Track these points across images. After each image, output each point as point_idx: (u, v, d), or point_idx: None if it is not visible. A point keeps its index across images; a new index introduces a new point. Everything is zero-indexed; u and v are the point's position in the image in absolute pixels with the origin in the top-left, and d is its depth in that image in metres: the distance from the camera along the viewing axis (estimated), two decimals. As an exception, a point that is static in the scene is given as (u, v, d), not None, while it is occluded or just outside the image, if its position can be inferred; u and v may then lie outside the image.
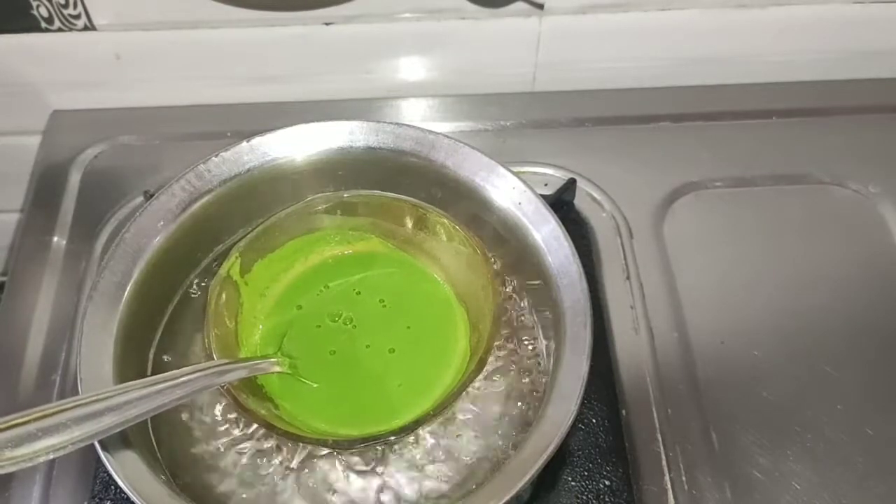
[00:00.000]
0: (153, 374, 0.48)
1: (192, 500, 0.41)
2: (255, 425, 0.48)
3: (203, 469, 0.47)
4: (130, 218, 0.48)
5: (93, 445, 0.38)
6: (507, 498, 0.39)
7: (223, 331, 0.48)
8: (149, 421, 0.45)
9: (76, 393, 0.42)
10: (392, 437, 0.47)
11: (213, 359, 0.45)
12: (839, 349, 0.57)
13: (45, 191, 0.66)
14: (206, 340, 0.46)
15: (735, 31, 0.68)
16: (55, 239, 0.62)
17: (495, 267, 0.51)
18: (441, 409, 0.45)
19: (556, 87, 0.71)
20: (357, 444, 0.47)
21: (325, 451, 0.47)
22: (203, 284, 0.51)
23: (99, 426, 0.37)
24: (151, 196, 0.49)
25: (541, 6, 0.64)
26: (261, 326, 0.51)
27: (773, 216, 0.63)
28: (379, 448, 0.47)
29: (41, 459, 0.35)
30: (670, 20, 0.66)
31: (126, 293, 0.46)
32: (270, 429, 0.45)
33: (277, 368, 0.47)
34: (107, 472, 0.40)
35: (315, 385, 0.48)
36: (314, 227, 0.52)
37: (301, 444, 0.47)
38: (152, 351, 0.49)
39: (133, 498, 0.39)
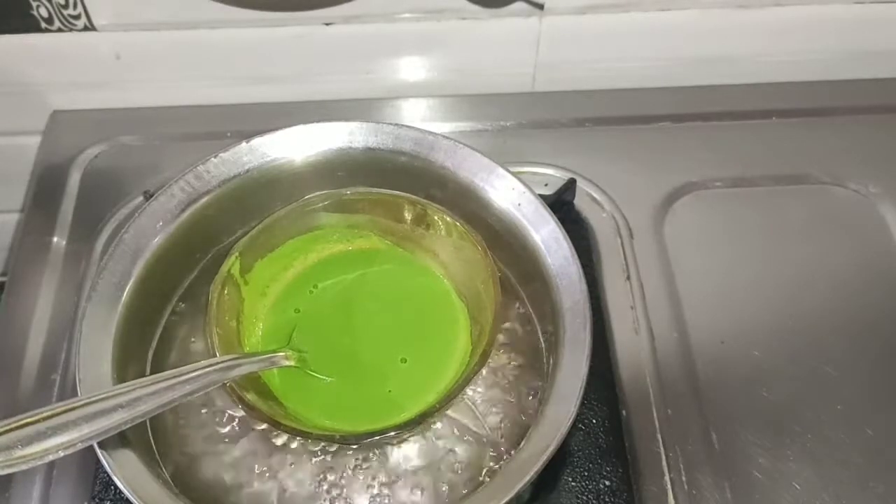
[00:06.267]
0: (152, 374, 0.48)
1: (192, 501, 0.41)
2: (254, 424, 0.48)
3: (202, 469, 0.47)
4: (130, 218, 0.48)
5: (92, 446, 0.38)
6: (507, 498, 0.40)
7: (225, 330, 0.48)
8: (147, 421, 0.45)
9: (76, 393, 0.42)
10: (397, 433, 0.47)
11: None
12: (839, 349, 0.57)
13: (45, 191, 0.66)
14: (209, 340, 0.46)
15: (735, 31, 0.67)
16: (55, 239, 0.62)
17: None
18: (445, 403, 0.45)
19: (556, 87, 0.71)
20: (363, 440, 0.47)
21: (326, 449, 0.47)
22: (183, 307, 0.52)
23: (109, 423, 0.37)
24: (151, 196, 0.49)
25: (541, 6, 0.64)
26: (261, 325, 0.51)
27: (773, 216, 0.63)
28: (381, 444, 0.48)
29: (51, 457, 0.35)
30: (670, 20, 0.66)
31: (125, 294, 0.46)
32: (276, 426, 0.45)
33: (287, 363, 0.47)
34: (106, 472, 0.40)
35: (326, 379, 0.48)
36: (314, 225, 0.52)
37: (302, 443, 0.47)
38: (151, 351, 0.49)
39: (132, 499, 0.39)
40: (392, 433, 0.47)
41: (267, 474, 0.47)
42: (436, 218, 0.50)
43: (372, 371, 0.49)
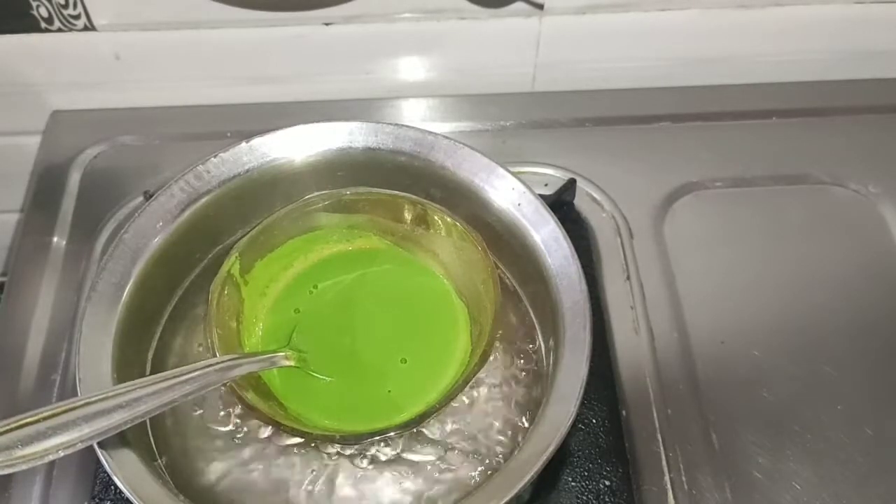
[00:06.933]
0: (152, 374, 0.48)
1: (191, 501, 0.41)
2: (253, 425, 0.48)
3: (202, 469, 0.47)
4: (130, 218, 0.48)
5: (92, 446, 0.38)
6: (506, 498, 0.39)
7: (225, 330, 0.48)
8: (147, 421, 0.45)
9: (76, 393, 0.42)
10: (397, 433, 0.47)
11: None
12: (839, 349, 0.57)
13: (44, 191, 0.66)
14: (209, 340, 0.46)
15: (735, 31, 0.67)
16: (55, 239, 0.62)
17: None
18: (445, 403, 0.45)
19: (555, 87, 0.71)
20: (363, 439, 0.47)
21: (328, 449, 0.48)
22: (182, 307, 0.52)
23: (109, 423, 0.37)
24: (151, 196, 0.49)
25: (540, 6, 0.64)
26: (261, 325, 0.51)
27: (773, 216, 0.63)
28: (382, 444, 0.48)
29: (51, 457, 0.35)
30: (670, 20, 0.66)
31: (125, 294, 0.46)
32: (276, 425, 0.45)
33: (287, 363, 0.48)
34: (106, 472, 0.40)
35: (326, 379, 0.48)
36: (314, 225, 0.52)
37: (302, 443, 0.47)
38: (151, 352, 0.49)
39: (132, 499, 0.39)
40: (392, 433, 0.47)
41: (267, 474, 0.47)
42: (436, 218, 0.50)
43: (372, 371, 0.49)
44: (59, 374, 0.56)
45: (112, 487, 0.51)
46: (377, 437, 0.47)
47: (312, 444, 0.48)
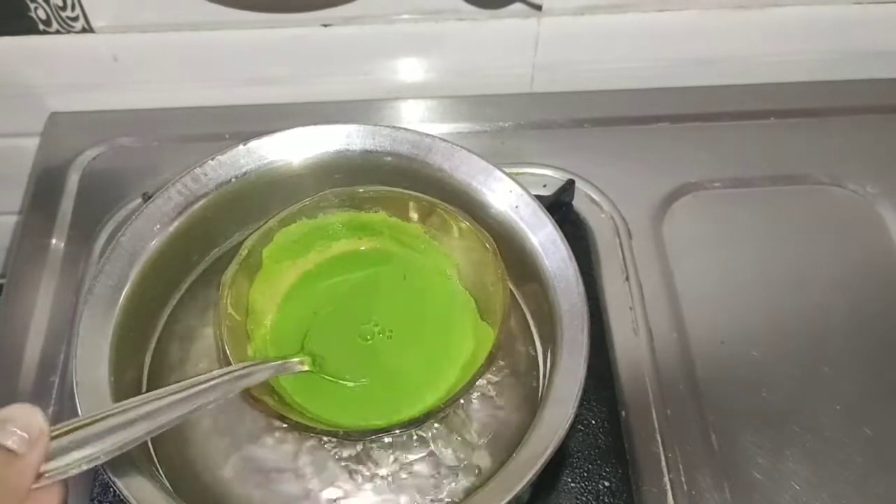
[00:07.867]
0: (149, 378, 0.49)
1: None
2: (252, 426, 0.48)
3: (200, 470, 0.47)
4: (128, 220, 0.48)
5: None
6: (505, 500, 0.40)
7: (234, 324, 0.48)
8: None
9: (75, 396, 0.42)
10: (401, 430, 0.47)
11: (224, 353, 0.46)
12: (838, 349, 0.57)
13: (43, 193, 0.65)
14: (218, 332, 0.47)
15: (734, 32, 0.67)
16: (54, 241, 0.62)
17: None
18: (451, 403, 0.45)
19: (554, 88, 0.71)
20: (367, 436, 0.47)
21: (323, 449, 0.47)
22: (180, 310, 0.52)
23: (132, 435, 0.37)
24: (149, 199, 0.49)
25: (539, 7, 0.64)
26: (270, 320, 0.51)
27: (771, 217, 0.63)
28: (379, 443, 0.48)
29: (75, 472, 0.35)
30: (668, 21, 0.66)
31: (122, 297, 0.46)
32: (282, 419, 0.45)
33: (301, 368, 0.48)
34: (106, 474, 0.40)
35: (339, 382, 0.48)
36: (327, 221, 0.52)
37: (300, 442, 0.47)
38: (149, 355, 0.49)
39: (131, 501, 0.39)
40: (397, 431, 0.47)
41: (266, 475, 0.47)
42: (447, 218, 0.50)
43: (379, 369, 0.49)
44: (57, 376, 0.56)
45: (111, 490, 0.51)
46: (381, 435, 0.47)
47: (315, 452, 0.48)
